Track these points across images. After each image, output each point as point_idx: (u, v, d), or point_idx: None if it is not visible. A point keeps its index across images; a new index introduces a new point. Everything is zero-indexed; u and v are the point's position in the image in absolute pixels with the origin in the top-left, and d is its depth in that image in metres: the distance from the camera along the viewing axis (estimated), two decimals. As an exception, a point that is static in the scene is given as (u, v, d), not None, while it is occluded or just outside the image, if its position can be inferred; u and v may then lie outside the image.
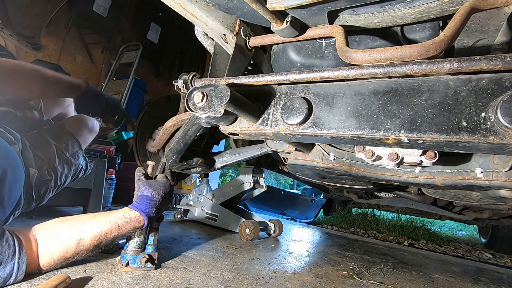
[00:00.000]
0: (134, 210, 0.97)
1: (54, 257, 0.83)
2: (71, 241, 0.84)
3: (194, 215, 2.16)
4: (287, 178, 9.94)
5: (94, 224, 0.89)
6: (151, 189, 1.04)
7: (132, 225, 0.95)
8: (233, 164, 1.36)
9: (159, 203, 1.03)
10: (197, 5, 0.81)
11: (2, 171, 0.82)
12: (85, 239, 0.86)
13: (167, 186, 1.09)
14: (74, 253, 0.85)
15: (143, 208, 0.98)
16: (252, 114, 0.77)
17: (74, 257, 0.86)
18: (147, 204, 1.00)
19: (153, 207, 1.01)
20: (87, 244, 0.86)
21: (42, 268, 0.82)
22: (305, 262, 1.47)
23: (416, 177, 0.94)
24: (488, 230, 3.22)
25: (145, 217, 0.97)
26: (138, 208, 0.98)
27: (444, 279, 1.52)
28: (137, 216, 0.96)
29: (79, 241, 0.85)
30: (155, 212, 1.01)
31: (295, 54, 0.92)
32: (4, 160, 0.84)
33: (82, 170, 1.26)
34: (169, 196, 1.08)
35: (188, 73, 0.94)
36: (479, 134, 0.54)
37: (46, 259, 0.82)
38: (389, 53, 0.61)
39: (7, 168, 0.84)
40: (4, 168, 0.83)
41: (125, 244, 1.01)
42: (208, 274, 1.05)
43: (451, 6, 0.65)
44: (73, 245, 0.84)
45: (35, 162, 0.99)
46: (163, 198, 1.04)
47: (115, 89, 3.80)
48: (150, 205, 1.00)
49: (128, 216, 0.95)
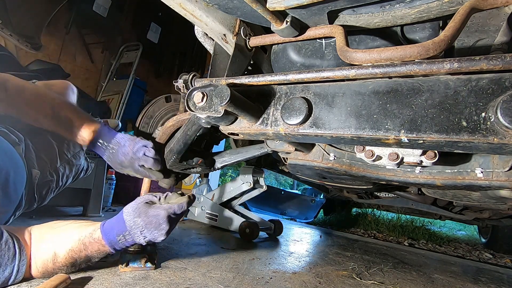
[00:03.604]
0: (99, 231, 0.83)
1: (39, 268, 0.79)
2: (48, 255, 0.79)
3: (194, 215, 2.16)
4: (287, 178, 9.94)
5: (68, 238, 0.82)
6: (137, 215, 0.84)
7: (96, 248, 0.82)
8: (233, 164, 1.36)
9: (139, 235, 0.84)
10: (197, 5, 0.81)
11: (6, 173, 0.82)
12: (59, 255, 0.79)
13: (170, 220, 0.87)
14: (53, 269, 0.80)
15: (108, 235, 0.83)
16: (252, 114, 0.77)
17: (55, 272, 0.80)
18: (116, 231, 0.83)
19: (125, 238, 0.83)
20: (62, 261, 0.80)
21: (33, 274, 0.79)
22: (305, 262, 1.47)
23: (416, 177, 0.94)
24: (488, 230, 3.22)
25: (108, 246, 0.82)
26: (103, 232, 0.83)
27: (444, 279, 1.52)
28: (100, 239, 0.82)
29: (55, 257, 0.79)
30: (130, 244, 0.86)
31: (295, 54, 0.92)
32: (8, 163, 0.85)
33: (83, 171, 1.26)
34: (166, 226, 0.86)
35: (188, 73, 0.94)
36: (479, 134, 0.54)
37: (34, 267, 0.79)
38: (389, 53, 0.61)
39: (10, 170, 0.84)
40: (8, 170, 0.83)
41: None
42: (208, 274, 1.05)
43: (451, 6, 0.65)
44: (50, 261, 0.79)
45: (37, 163, 1.00)
46: (153, 228, 0.84)
47: (115, 89, 3.80)
48: (116, 233, 0.83)
49: (93, 236, 0.82)
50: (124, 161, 0.99)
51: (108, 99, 3.76)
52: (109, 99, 3.76)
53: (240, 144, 1.99)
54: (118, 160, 0.99)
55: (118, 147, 0.99)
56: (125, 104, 3.65)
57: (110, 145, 0.99)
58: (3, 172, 0.81)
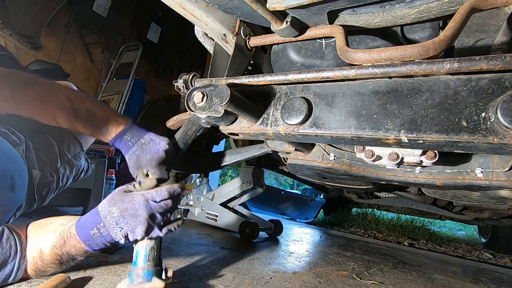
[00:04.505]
0: (74, 226, 0.76)
1: (31, 266, 0.76)
2: (36, 252, 0.75)
3: (194, 215, 2.16)
4: (287, 178, 9.94)
5: (52, 234, 0.77)
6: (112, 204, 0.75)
7: (72, 244, 0.75)
8: (233, 164, 1.36)
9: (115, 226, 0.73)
10: (197, 5, 0.81)
11: (11, 175, 0.82)
12: (45, 252, 0.75)
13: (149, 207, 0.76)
14: (42, 266, 0.76)
15: (81, 228, 0.75)
16: (252, 114, 0.77)
17: (46, 270, 0.77)
18: (89, 224, 0.75)
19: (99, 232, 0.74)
20: (48, 258, 0.75)
21: (29, 273, 0.77)
22: (305, 262, 1.47)
23: (416, 177, 0.94)
24: (488, 230, 3.22)
25: (83, 242, 0.74)
26: (77, 225, 0.76)
27: (444, 279, 1.52)
28: (75, 234, 0.75)
29: (41, 254, 0.75)
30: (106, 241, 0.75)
31: (295, 54, 0.92)
32: (11, 164, 0.85)
33: (84, 171, 1.26)
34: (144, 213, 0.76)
35: (188, 73, 0.94)
36: (479, 134, 0.54)
37: (28, 265, 0.76)
38: (389, 53, 0.61)
39: (14, 173, 0.84)
40: (12, 172, 0.83)
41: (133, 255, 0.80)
42: (208, 274, 1.05)
43: (451, 6, 0.65)
44: (38, 258, 0.75)
45: (37, 164, 1.00)
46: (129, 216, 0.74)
47: (115, 89, 3.81)
48: (90, 227, 0.74)
49: (70, 230, 0.75)
50: (155, 159, 0.87)
51: (108, 99, 3.77)
52: (109, 99, 3.76)
53: (240, 144, 2.00)
54: (147, 157, 0.86)
55: (152, 144, 0.88)
56: (125, 104, 3.65)
57: (142, 140, 0.89)
58: (8, 174, 0.81)
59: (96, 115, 0.87)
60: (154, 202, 0.78)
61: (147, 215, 0.76)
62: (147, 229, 0.76)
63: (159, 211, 0.78)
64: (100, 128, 0.87)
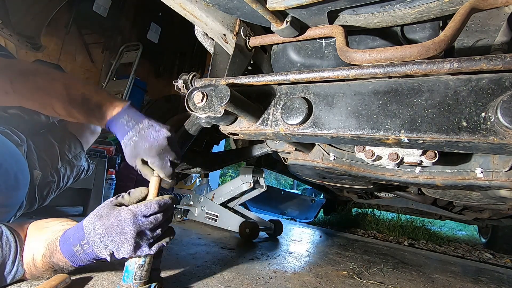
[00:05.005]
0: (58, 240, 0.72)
1: (27, 272, 0.74)
2: (29, 258, 0.73)
3: (194, 215, 2.16)
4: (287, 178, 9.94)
5: (43, 242, 0.74)
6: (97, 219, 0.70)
7: (57, 257, 0.71)
8: (233, 164, 1.36)
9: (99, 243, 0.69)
10: (197, 5, 0.81)
11: (15, 175, 0.82)
12: (36, 259, 0.73)
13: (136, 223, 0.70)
14: (37, 272, 0.74)
15: (64, 244, 0.71)
16: (252, 114, 0.77)
17: (41, 275, 0.74)
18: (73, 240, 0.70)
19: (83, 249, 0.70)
20: (40, 266, 0.73)
21: (26, 276, 0.74)
22: (305, 262, 1.47)
23: (416, 177, 0.95)
24: (488, 230, 3.22)
25: (67, 257, 0.71)
26: (61, 240, 0.71)
27: (444, 279, 1.52)
28: (58, 249, 0.71)
29: (33, 261, 0.73)
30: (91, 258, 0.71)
31: (295, 54, 0.92)
32: (14, 164, 0.85)
33: (84, 171, 1.26)
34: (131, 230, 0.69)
35: (188, 73, 0.94)
36: (479, 134, 0.54)
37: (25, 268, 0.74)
38: (389, 53, 0.61)
39: (17, 172, 0.84)
40: (16, 172, 0.83)
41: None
42: (208, 274, 1.05)
43: (451, 6, 0.65)
44: (32, 264, 0.73)
45: (38, 164, 1.00)
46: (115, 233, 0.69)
47: (115, 89, 3.81)
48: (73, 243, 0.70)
49: (55, 242, 0.72)
50: (155, 147, 0.79)
51: (108, 99, 3.76)
52: (109, 99, 3.76)
53: (240, 144, 2.00)
54: (146, 144, 0.78)
55: (151, 130, 0.80)
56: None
57: (140, 125, 0.80)
58: (12, 173, 0.81)
59: (91, 100, 0.81)
60: (143, 217, 0.71)
61: (134, 232, 0.69)
62: (134, 247, 0.70)
63: (149, 227, 0.72)
64: (94, 112, 0.81)
